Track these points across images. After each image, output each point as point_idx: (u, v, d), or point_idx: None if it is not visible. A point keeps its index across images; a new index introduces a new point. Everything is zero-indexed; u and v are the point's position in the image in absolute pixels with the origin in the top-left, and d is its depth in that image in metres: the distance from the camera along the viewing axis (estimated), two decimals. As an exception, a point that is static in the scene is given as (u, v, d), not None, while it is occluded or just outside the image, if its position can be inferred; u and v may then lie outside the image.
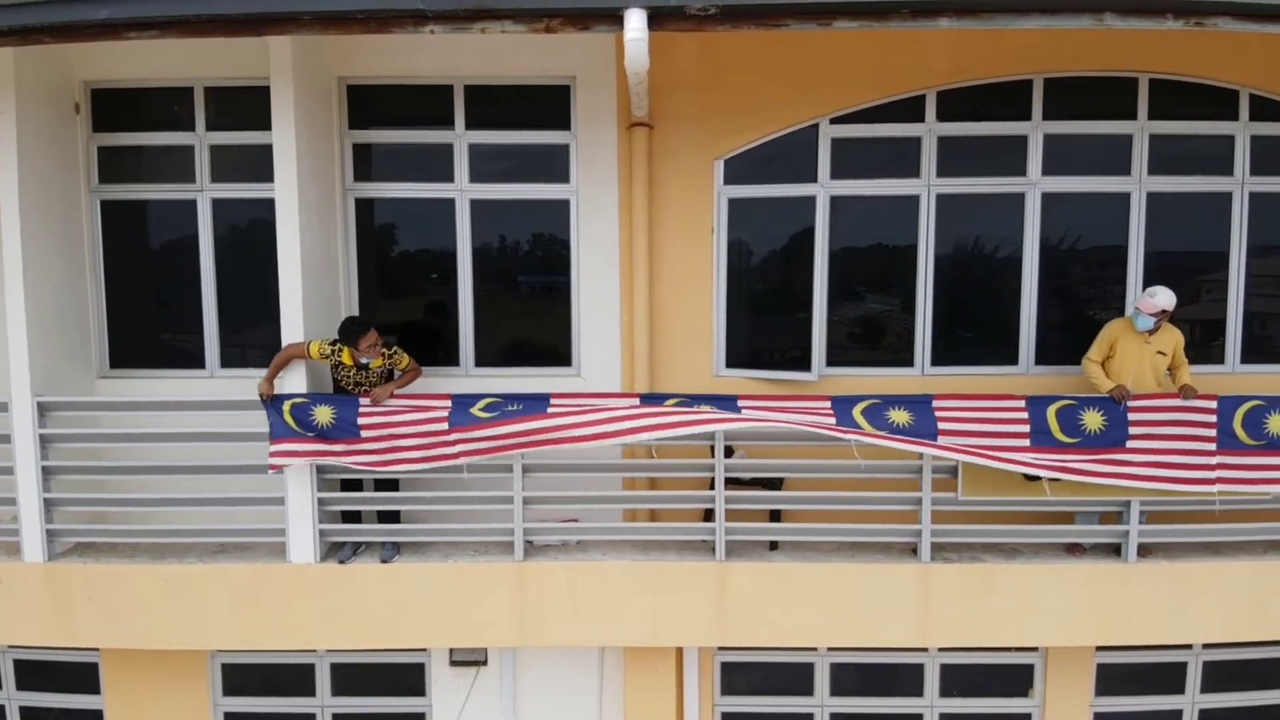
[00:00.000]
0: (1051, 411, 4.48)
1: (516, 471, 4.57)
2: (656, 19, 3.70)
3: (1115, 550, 4.70)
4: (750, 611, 4.65)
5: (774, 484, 4.87)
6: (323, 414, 4.42)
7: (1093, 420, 4.47)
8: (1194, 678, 5.38)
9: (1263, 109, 4.97)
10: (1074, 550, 4.76)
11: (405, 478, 4.69)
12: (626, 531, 4.81)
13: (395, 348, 4.52)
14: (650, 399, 4.60)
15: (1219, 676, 5.38)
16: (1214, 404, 4.45)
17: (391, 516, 4.79)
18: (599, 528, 4.81)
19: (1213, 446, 4.46)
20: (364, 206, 5.17)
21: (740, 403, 4.57)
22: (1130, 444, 4.46)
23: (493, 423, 4.36)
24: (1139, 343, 4.60)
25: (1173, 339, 4.64)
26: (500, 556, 4.70)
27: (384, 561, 4.64)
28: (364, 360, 4.35)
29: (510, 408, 4.44)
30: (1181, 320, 4.79)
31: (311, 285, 4.64)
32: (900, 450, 4.39)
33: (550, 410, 4.41)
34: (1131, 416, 4.47)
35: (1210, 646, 5.33)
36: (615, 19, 3.69)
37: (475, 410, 4.43)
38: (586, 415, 4.32)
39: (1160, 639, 4.72)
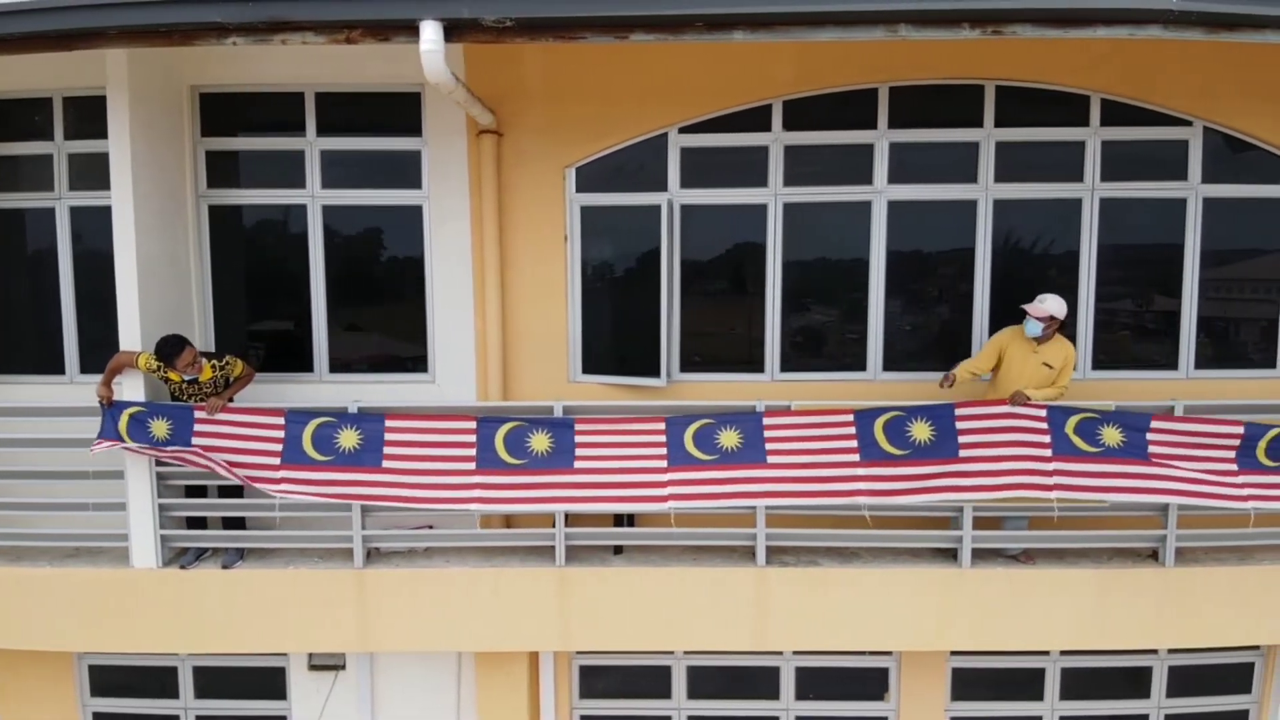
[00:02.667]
0: (879, 425, 4.50)
1: (355, 478, 4.61)
2: (454, 31, 3.74)
3: (995, 554, 4.74)
4: (592, 616, 4.69)
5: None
6: (159, 428, 4.43)
7: (921, 431, 4.49)
8: (1052, 684, 5.43)
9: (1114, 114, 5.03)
10: (1027, 557, 4.73)
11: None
12: (473, 538, 4.83)
13: (228, 357, 4.54)
14: (489, 422, 4.51)
15: (1076, 683, 5.45)
16: (1043, 412, 4.49)
17: (238, 522, 4.83)
18: (445, 534, 4.84)
19: (1049, 453, 4.51)
20: (224, 213, 5.19)
21: (578, 427, 4.55)
22: (964, 452, 4.50)
23: (323, 467, 4.40)
24: (1026, 352, 4.59)
25: (1062, 353, 4.57)
26: (344, 563, 4.74)
27: (225, 567, 4.68)
28: (188, 377, 4.37)
29: (342, 433, 4.43)
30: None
31: (154, 292, 4.66)
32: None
33: (385, 464, 4.42)
34: (960, 425, 4.50)
35: (1069, 653, 5.38)
36: (413, 30, 3.72)
37: (306, 443, 4.42)
38: (420, 478, 4.39)
39: (1000, 644, 4.75)
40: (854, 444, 4.48)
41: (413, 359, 5.23)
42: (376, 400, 4.72)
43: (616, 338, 5.16)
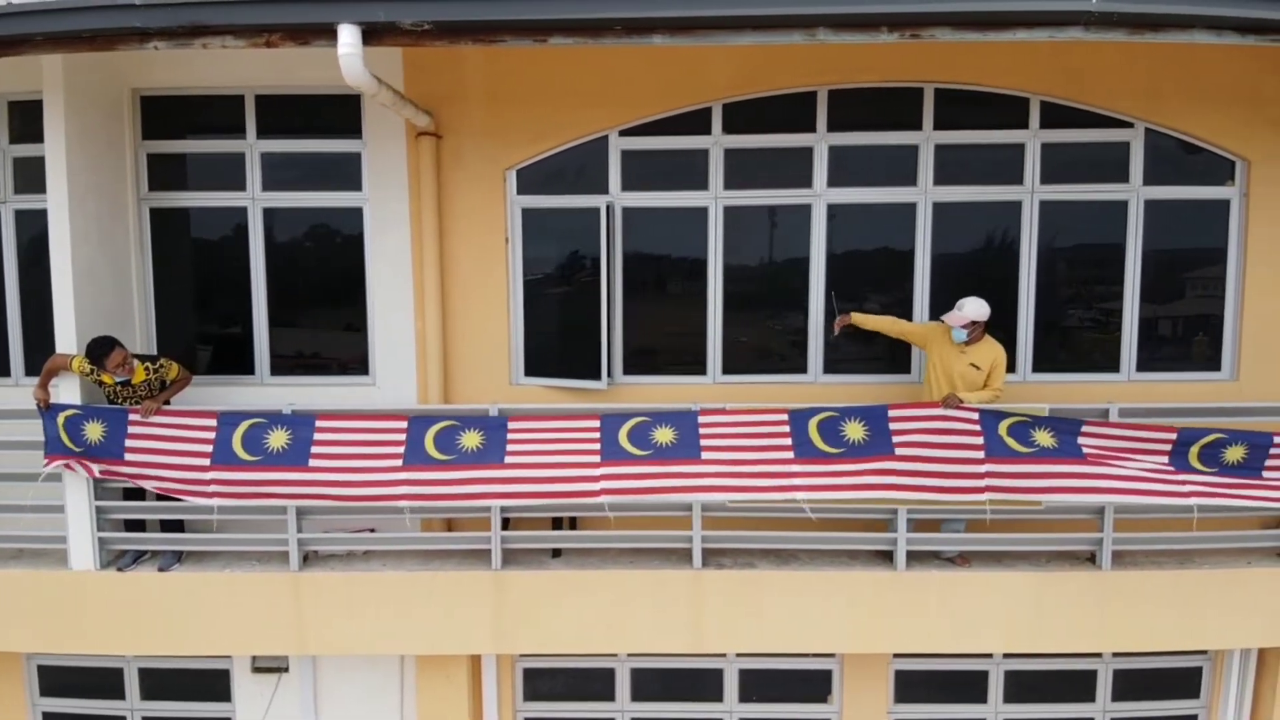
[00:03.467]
0: (813, 424, 4.51)
1: (290, 484, 4.62)
2: (372, 34, 3.75)
3: (933, 556, 4.74)
4: (529, 619, 4.69)
5: (556, 493, 4.91)
6: (93, 430, 4.45)
7: (855, 431, 4.49)
8: (996, 686, 5.42)
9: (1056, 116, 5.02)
10: (963, 560, 4.73)
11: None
12: (409, 541, 4.84)
13: (161, 360, 4.55)
14: (420, 421, 4.54)
15: (1021, 685, 5.44)
16: (975, 414, 4.48)
17: (176, 525, 4.84)
18: (382, 537, 4.84)
19: (981, 455, 4.50)
20: (166, 216, 5.20)
21: (511, 425, 4.58)
22: (899, 451, 4.49)
23: (252, 467, 4.40)
24: (955, 352, 4.57)
25: (990, 354, 4.53)
26: (282, 566, 4.73)
27: (162, 570, 4.69)
28: (120, 378, 4.38)
29: (272, 434, 4.44)
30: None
31: (92, 295, 4.68)
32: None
33: (311, 462, 4.42)
34: (893, 426, 4.49)
35: (1012, 656, 5.37)
36: (332, 34, 3.73)
37: (237, 444, 4.43)
38: (347, 475, 4.40)
39: (934, 647, 4.74)
40: (788, 441, 4.48)
41: (355, 362, 5.24)
42: (318, 403, 4.72)
43: (558, 340, 5.15)
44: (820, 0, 3.63)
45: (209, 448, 4.43)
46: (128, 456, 4.45)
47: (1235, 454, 4.49)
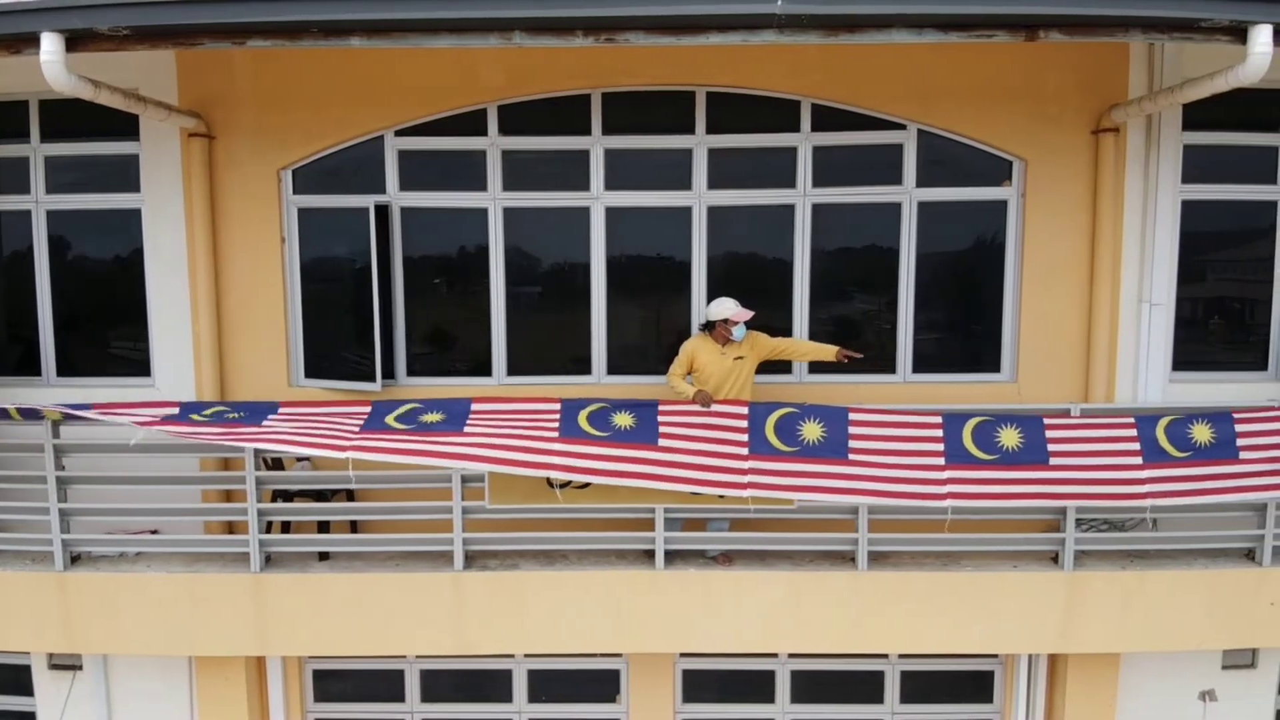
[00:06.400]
0: (584, 415, 4.51)
1: (50, 483, 4.62)
2: (75, 41, 3.76)
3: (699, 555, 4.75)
4: (290, 621, 4.70)
5: (324, 496, 4.93)
6: None
7: (623, 420, 4.50)
8: (783, 686, 5.44)
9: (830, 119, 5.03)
10: (725, 559, 4.73)
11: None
12: (173, 544, 4.84)
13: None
14: (189, 407, 4.60)
15: (809, 685, 5.45)
16: (745, 410, 4.50)
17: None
18: (148, 539, 4.85)
19: (745, 451, 4.49)
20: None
21: (280, 409, 4.62)
22: (662, 442, 4.48)
23: None
24: (716, 353, 4.63)
25: (749, 341, 4.63)
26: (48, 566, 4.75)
27: (-78, 570, 4.71)
28: None
29: None
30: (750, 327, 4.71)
31: None
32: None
33: None
34: (661, 420, 4.49)
35: (799, 656, 5.38)
36: (37, 42, 3.74)
37: None
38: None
39: (688, 646, 4.78)
40: (555, 426, 4.48)
41: (139, 362, 5.25)
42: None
43: (339, 342, 5.16)
44: (515, 4, 3.64)
45: None
46: None
47: (1011, 438, 4.49)
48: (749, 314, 4.53)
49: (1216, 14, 3.71)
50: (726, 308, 4.52)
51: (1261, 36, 3.75)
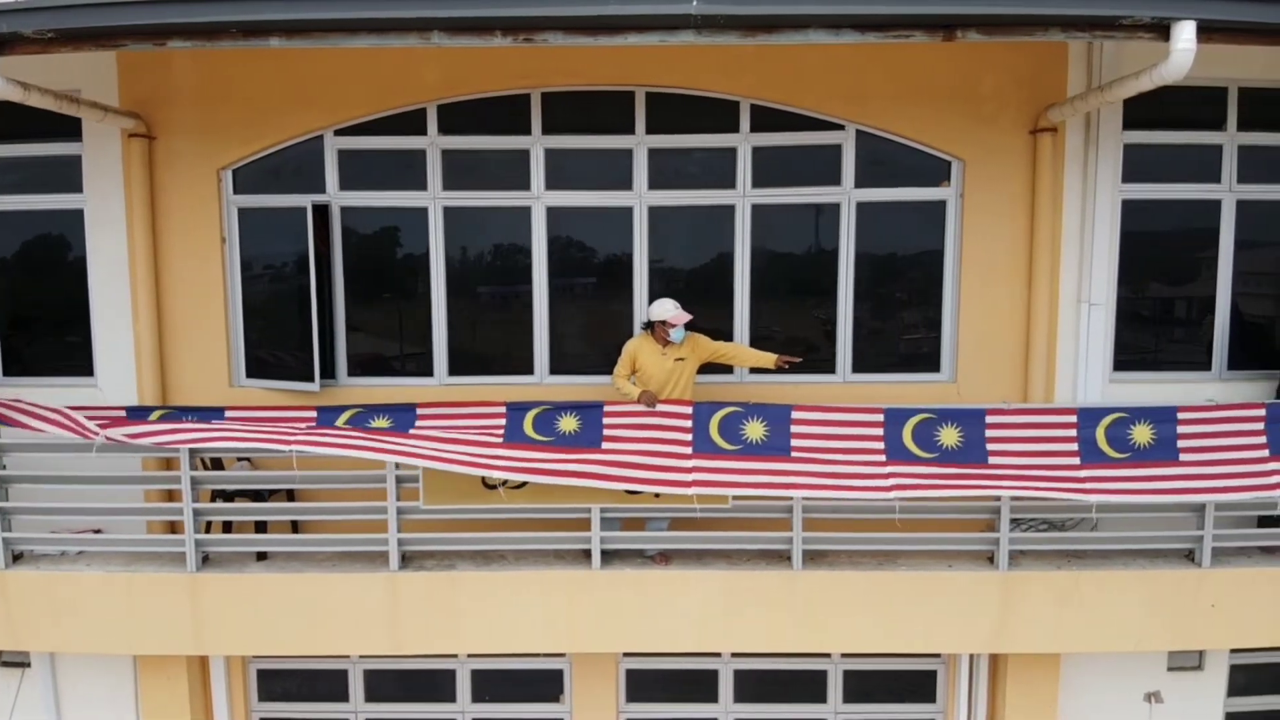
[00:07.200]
0: (529, 418, 4.61)
1: (-11, 484, 4.65)
2: (2, 45, 3.77)
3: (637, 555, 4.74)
4: (227, 620, 4.70)
5: (261, 496, 4.94)
6: None
7: (569, 424, 4.57)
8: (727, 685, 5.44)
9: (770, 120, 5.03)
10: (662, 559, 4.72)
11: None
12: (115, 544, 4.85)
13: None
14: (135, 413, 4.67)
15: (753, 684, 5.45)
16: (689, 410, 4.51)
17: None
18: (91, 539, 4.86)
19: (689, 451, 4.50)
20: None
21: (226, 414, 4.68)
22: (606, 445, 4.52)
23: None
24: (657, 354, 4.66)
25: (690, 344, 4.67)
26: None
27: None
28: None
29: None
30: (694, 329, 4.73)
31: None
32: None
33: None
34: (606, 421, 4.56)
35: (742, 655, 5.38)
36: (-38, 45, 3.76)
37: None
38: None
39: (625, 646, 4.80)
40: (501, 429, 4.60)
41: (83, 363, 5.26)
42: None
43: (280, 342, 5.17)
44: (432, 4, 3.65)
45: None
46: None
47: (950, 437, 4.50)
48: (688, 316, 4.56)
49: (1137, 10, 3.73)
50: (665, 309, 4.55)
51: (1184, 33, 3.76)
